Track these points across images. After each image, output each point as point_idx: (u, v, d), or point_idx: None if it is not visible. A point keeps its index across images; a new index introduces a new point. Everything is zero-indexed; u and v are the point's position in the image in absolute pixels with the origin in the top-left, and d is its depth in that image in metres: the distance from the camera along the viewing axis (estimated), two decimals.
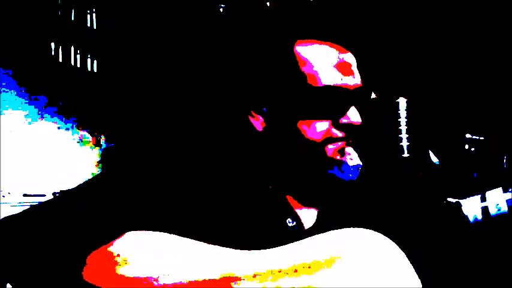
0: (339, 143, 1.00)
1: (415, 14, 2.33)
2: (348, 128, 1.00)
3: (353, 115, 1.00)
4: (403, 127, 2.15)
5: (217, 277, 0.86)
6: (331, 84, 0.99)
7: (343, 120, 1.00)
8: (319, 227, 1.00)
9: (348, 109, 1.00)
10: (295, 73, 1.00)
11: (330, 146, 1.00)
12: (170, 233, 0.91)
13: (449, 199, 1.86)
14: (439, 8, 2.31)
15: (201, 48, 2.17)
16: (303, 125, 1.00)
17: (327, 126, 1.00)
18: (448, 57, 2.31)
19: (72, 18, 2.26)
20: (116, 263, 0.87)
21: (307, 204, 1.04)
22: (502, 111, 2.17)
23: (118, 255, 0.88)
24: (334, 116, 1.00)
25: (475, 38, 2.27)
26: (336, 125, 1.00)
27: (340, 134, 1.00)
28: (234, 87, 1.09)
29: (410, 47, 2.33)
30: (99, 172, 2.13)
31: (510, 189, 1.76)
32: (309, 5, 1.06)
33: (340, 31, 1.03)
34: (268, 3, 1.91)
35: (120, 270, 0.87)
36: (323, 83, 0.99)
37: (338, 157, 1.00)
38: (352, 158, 1.00)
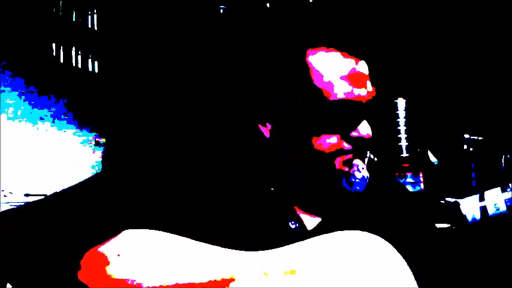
0: (347, 155, 0.99)
1: (413, 14, 2.34)
2: (358, 141, 0.99)
3: (363, 129, 0.99)
4: (402, 127, 2.16)
5: (214, 278, 0.87)
6: (344, 97, 0.97)
7: (354, 134, 0.99)
8: (322, 229, 1.01)
9: (359, 123, 0.99)
10: (308, 85, 0.98)
11: (338, 158, 0.99)
12: (171, 233, 0.91)
13: (447, 199, 1.87)
14: (438, 8, 2.31)
15: (202, 49, 2.18)
16: (314, 138, 0.99)
17: (336, 140, 0.99)
18: (446, 58, 2.32)
19: (73, 19, 2.26)
20: (107, 263, 0.88)
21: (311, 212, 1.05)
22: (500, 111, 2.18)
23: (110, 255, 0.88)
24: (345, 130, 0.99)
25: (474, 38, 2.27)
26: (346, 138, 0.99)
27: (348, 147, 0.99)
28: (238, 91, 1.09)
29: (408, 48, 2.33)
30: (98, 172, 2.14)
31: (508, 189, 1.77)
32: (315, 11, 1.05)
33: (352, 38, 1.01)
34: (268, 5, 1.92)
35: (111, 271, 0.87)
36: (337, 97, 0.97)
37: (346, 169, 1.00)
38: (360, 170, 1.00)
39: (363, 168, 1.00)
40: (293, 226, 1.02)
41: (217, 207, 1.00)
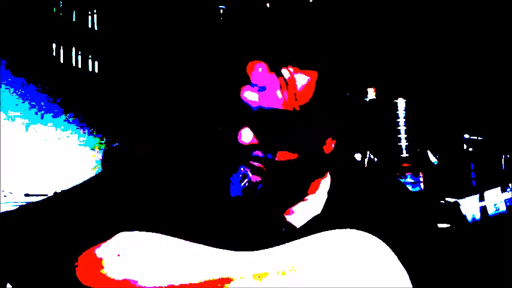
0: (236, 159, 0.97)
1: (413, 15, 2.34)
2: (243, 147, 0.96)
3: (245, 135, 0.95)
4: (402, 127, 2.17)
5: (210, 278, 0.87)
6: (246, 99, 0.95)
7: (238, 138, 0.96)
8: (310, 228, 1.00)
9: (240, 128, 0.96)
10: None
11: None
12: (165, 234, 0.92)
13: (447, 199, 1.87)
14: (438, 8, 2.32)
15: (202, 49, 2.18)
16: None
17: (226, 140, 0.98)
18: (446, 58, 2.32)
19: (74, 19, 2.27)
20: (103, 265, 0.88)
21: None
22: (500, 111, 2.18)
23: (106, 256, 0.89)
24: (229, 131, 0.97)
25: (474, 38, 2.28)
26: (232, 141, 0.97)
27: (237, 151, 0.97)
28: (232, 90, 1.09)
29: (409, 48, 2.34)
30: (97, 173, 2.14)
31: (508, 189, 1.77)
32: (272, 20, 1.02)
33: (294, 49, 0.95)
34: (268, 5, 1.93)
35: (107, 272, 0.88)
36: (243, 97, 0.95)
37: (231, 172, 0.98)
38: (240, 176, 0.97)
39: (243, 174, 0.97)
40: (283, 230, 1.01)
41: (212, 208, 1.00)
